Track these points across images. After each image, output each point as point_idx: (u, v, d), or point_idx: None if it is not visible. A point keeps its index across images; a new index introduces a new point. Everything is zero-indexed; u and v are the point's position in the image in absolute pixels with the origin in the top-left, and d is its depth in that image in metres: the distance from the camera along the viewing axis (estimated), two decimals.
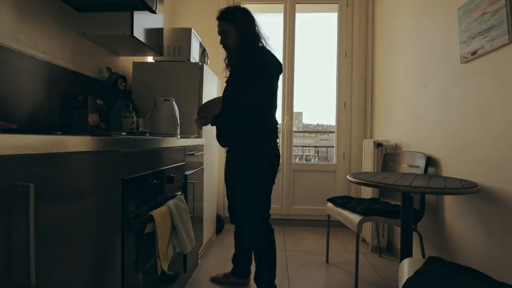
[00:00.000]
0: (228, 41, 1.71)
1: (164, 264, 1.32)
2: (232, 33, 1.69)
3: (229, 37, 1.70)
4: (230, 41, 1.71)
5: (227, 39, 1.71)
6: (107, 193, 0.99)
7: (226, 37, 1.71)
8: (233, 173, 1.75)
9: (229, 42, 1.71)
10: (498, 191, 1.41)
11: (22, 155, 0.64)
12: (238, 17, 1.68)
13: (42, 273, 0.71)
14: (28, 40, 1.45)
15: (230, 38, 1.70)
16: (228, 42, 1.71)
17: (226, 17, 1.70)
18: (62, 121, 1.70)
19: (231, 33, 1.69)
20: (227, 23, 1.69)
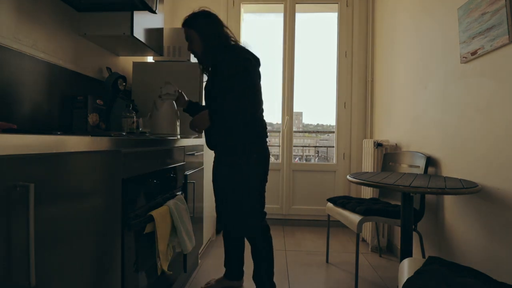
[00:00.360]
0: (193, 46, 1.70)
1: (164, 264, 1.32)
2: (195, 38, 1.67)
3: (194, 42, 1.69)
4: (195, 46, 1.70)
5: (192, 45, 1.70)
6: (107, 193, 0.99)
7: (191, 43, 1.70)
8: (225, 176, 1.70)
9: (194, 47, 1.70)
10: (498, 191, 1.41)
11: (22, 155, 0.64)
12: (199, 20, 1.67)
13: (42, 273, 0.71)
14: (28, 40, 1.45)
15: (195, 43, 1.69)
16: (194, 47, 1.70)
17: (187, 23, 1.70)
18: (62, 121, 1.70)
19: (194, 38, 1.68)
20: (189, 29, 1.69)
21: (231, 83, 1.55)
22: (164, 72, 2.28)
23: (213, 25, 1.68)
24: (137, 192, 1.21)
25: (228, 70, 1.58)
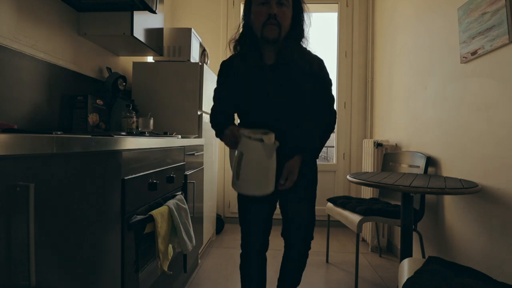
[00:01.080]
0: (285, 17, 1.24)
1: (164, 264, 1.32)
2: (290, 10, 1.26)
3: (287, 12, 1.25)
4: (287, 17, 1.25)
5: (285, 14, 1.24)
6: (107, 193, 0.99)
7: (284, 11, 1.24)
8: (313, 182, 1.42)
9: (286, 18, 1.24)
10: (498, 191, 1.41)
11: (22, 155, 0.64)
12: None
13: (42, 273, 0.71)
14: (28, 40, 1.45)
15: (288, 14, 1.25)
16: (284, 19, 1.23)
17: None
18: (62, 121, 1.70)
19: (289, 9, 1.25)
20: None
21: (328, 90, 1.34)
22: (164, 72, 2.28)
23: None
24: (137, 192, 1.21)
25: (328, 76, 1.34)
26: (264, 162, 1.15)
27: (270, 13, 1.21)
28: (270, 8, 1.22)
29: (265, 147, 1.13)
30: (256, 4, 1.26)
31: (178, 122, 2.27)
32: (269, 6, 1.22)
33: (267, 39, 1.24)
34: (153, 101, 2.27)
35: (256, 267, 1.41)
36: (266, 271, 1.48)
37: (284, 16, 1.24)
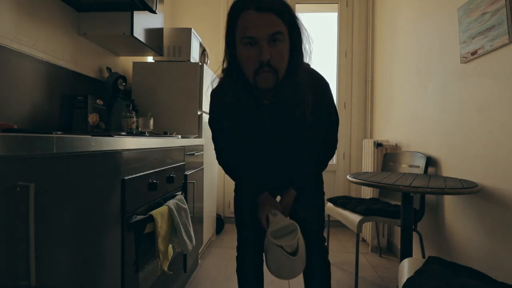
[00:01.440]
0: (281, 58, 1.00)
1: (164, 264, 1.32)
2: (286, 45, 1.01)
3: (283, 50, 1.00)
4: (284, 58, 1.01)
5: (281, 55, 0.99)
6: (107, 193, 0.99)
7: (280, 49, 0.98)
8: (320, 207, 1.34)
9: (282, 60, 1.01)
10: (498, 191, 1.41)
11: (22, 155, 0.64)
12: (294, 15, 1.03)
13: (42, 273, 0.71)
14: (28, 40, 1.45)
15: (284, 53, 1.01)
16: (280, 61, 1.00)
17: (283, 10, 0.97)
18: (62, 121, 1.70)
19: (285, 44, 1.00)
20: (283, 22, 0.97)
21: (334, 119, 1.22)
22: (164, 72, 2.28)
23: None
24: (137, 192, 1.21)
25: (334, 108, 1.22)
26: (287, 262, 1.11)
27: (262, 61, 0.96)
28: (261, 52, 0.96)
29: (285, 253, 1.09)
30: (241, 42, 0.98)
31: (178, 122, 2.27)
32: (258, 48, 0.96)
33: (261, 89, 1.03)
34: (153, 101, 2.27)
35: (252, 270, 1.35)
36: (263, 274, 1.40)
37: (281, 57, 0.99)
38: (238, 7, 0.99)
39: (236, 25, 0.99)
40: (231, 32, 1.02)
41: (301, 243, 1.11)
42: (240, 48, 1.00)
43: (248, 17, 0.96)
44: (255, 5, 0.95)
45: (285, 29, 0.98)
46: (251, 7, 0.96)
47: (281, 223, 1.14)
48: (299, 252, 1.08)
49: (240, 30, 0.98)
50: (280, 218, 1.15)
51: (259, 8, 0.95)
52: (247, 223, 1.32)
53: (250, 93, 1.08)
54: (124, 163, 1.10)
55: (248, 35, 0.96)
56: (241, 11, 0.98)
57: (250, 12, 0.96)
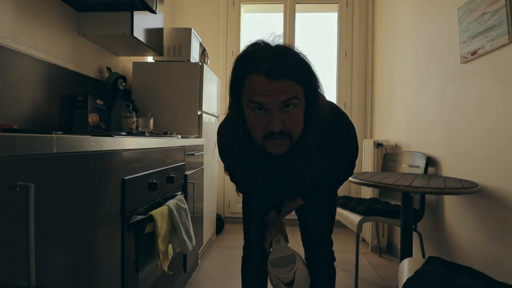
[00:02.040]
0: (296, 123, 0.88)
1: (164, 264, 1.32)
2: (302, 106, 0.88)
3: (298, 113, 0.87)
4: (299, 122, 0.89)
5: (295, 119, 0.87)
6: (107, 193, 0.99)
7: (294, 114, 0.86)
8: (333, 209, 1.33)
9: (297, 124, 0.89)
10: (498, 191, 1.41)
11: (22, 155, 0.64)
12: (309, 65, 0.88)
13: (42, 273, 0.71)
14: (28, 40, 1.45)
15: (299, 117, 0.88)
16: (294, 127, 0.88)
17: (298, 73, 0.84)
18: (62, 121, 1.70)
19: (300, 106, 0.87)
20: (298, 85, 0.84)
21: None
22: (164, 72, 2.28)
23: None
24: (137, 192, 1.21)
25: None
26: None
27: (273, 131, 0.84)
28: (272, 121, 0.83)
29: (282, 283, 1.13)
30: (248, 105, 0.85)
31: (178, 122, 2.27)
32: (269, 115, 0.84)
33: (272, 155, 0.91)
34: (153, 101, 2.27)
35: (257, 271, 1.32)
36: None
37: (296, 122, 0.87)
38: (245, 69, 0.85)
39: (243, 84, 0.86)
40: (236, 87, 0.88)
41: (299, 275, 1.11)
42: (247, 110, 0.87)
43: (257, 82, 0.82)
44: (266, 69, 0.80)
45: (299, 90, 0.84)
46: (260, 71, 0.81)
47: (282, 252, 1.16)
48: (295, 284, 1.11)
49: (247, 91, 0.85)
50: (282, 246, 1.17)
51: (271, 74, 0.80)
52: (255, 223, 1.30)
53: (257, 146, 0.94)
54: (124, 163, 1.10)
55: (257, 101, 0.83)
56: (248, 73, 0.84)
57: (259, 77, 0.81)
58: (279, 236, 1.19)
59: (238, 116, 0.92)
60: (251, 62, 0.84)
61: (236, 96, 0.89)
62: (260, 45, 0.86)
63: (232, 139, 0.99)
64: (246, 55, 0.86)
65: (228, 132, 1.03)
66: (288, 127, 0.86)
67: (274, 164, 1.01)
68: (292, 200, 1.25)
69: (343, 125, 1.05)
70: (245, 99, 0.86)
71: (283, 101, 0.82)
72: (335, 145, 1.03)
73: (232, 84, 0.89)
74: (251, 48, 0.86)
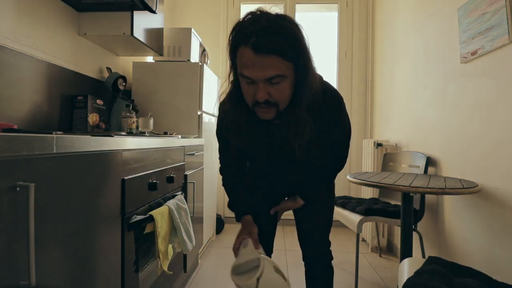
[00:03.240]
0: (281, 95, 0.94)
1: (164, 264, 1.32)
2: (289, 80, 0.93)
3: (284, 87, 0.92)
4: (285, 94, 0.94)
5: (281, 92, 0.93)
6: (107, 193, 0.99)
7: (280, 87, 0.92)
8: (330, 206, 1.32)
9: (283, 96, 0.94)
10: (498, 191, 1.41)
11: (22, 155, 0.64)
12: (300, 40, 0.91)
13: (42, 273, 0.71)
14: (28, 40, 1.45)
15: (285, 90, 0.93)
16: (280, 97, 0.94)
17: (285, 49, 0.87)
18: (62, 121, 1.70)
19: (287, 80, 0.92)
20: (285, 61, 0.88)
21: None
22: (164, 72, 2.28)
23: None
24: (137, 192, 1.21)
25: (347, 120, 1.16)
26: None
27: (258, 101, 0.92)
28: (258, 92, 0.90)
29: None
30: (242, 75, 0.92)
31: (178, 122, 2.27)
32: (256, 86, 0.91)
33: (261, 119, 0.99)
34: (153, 101, 2.27)
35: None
36: None
37: (281, 94, 0.93)
38: (236, 40, 0.90)
39: (236, 54, 0.92)
40: (232, 56, 0.95)
41: (264, 281, 0.94)
42: (240, 78, 0.95)
43: (245, 55, 0.87)
44: (253, 43, 0.84)
45: (286, 66, 0.89)
46: (248, 45, 0.85)
47: (246, 256, 1.03)
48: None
49: (238, 63, 0.92)
50: (249, 251, 1.04)
51: (257, 48, 0.84)
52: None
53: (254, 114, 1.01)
54: (124, 163, 1.10)
55: (244, 74, 0.90)
56: (238, 44, 0.89)
57: (248, 50, 0.86)
58: (247, 240, 1.08)
59: (236, 80, 1.00)
60: (241, 34, 0.88)
61: (233, 63, 0.96)
62: (254, 15, 0.89)
63: (229, 99, 1.05)
64: (239, 25, 0.90)
65: (228, 95, 1.07)
66: (274, 97, 0.92)
67: (267, 128, 1.06)
68: (293, 198, 1.24)
69: (333, 100, 1.07)
70: (238, 70, 0.94)
71: (268, 78, 0.88)
72: (326, 119, 1.05)
73: (229, 52, 0.95)
74: (245, 18, 0.90)
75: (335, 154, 1.17)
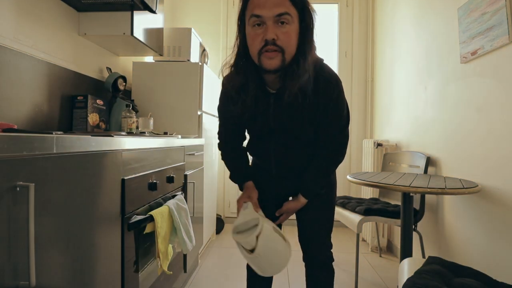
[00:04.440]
0: (288, 39, 0.99)
1: (164, 264, 1.32)
2: (294, 27, 1.00)
3: (290, 31, 0.98)
4: (291, 39, 0.99)
5: (288, 36, 0.98)
6: (107, 193, 0.99)
7: (287, 30, 0.98)
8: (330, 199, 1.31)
9: (289, 40, 0.99)
10: (498, 191, 1.41)
11: (22, 155, 0.64)
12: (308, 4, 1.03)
13: (42, 273, 0.71)
14: (28, 40, 1.45)
15: (291, 34, 0.99)
16: (287, 41, 0.99)
17: None
18: (62, 121, 1.70)
19: (293, 26, 0.99)
20: (292, 4, 0.98)
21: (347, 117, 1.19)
22: (164, 72, 2.28)
23: None
24: (137, 192, 1.21)
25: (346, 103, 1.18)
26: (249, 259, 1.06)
27: (267, 39, 0.96)
28: (267, 31, 0.96)
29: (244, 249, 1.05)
30: (249, 23, 1.00)
31: (178, 122, 2.27)
32: (265, 28, 0.97)
33: (266, 70, 1.02)
34: (153, 101, 2.27)
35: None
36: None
37: (288, 38, 0.98)
38: None
39: (247, 5, 1.02)
40: (242, 14, 1.04)
41: (263, 240, 1.00)
42: (248, 28, 1.02)
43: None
44: None
45: (294, 11, 0.98)
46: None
47: (247, 217, 1.07)
48: (257, 250, 0.99)
49: (249, 9, 1.00)
50: (248, 212, 1.09)
51: None
52: None
53: (255, 76, 1.07)
54: (124, 163, 1.10)
55: (255, 13, 0.97)
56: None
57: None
58: (247, 203, 1.14)
59: (242, 43, 1.06)
60: None
61: (241, 21, 1.05)
62: None
63: (235, 70, 1.10)
64: None
65: (232, 77, 1.11)
66: (281, 40, 0.97)
67: (270, 104, 1.11)
68: (295, 198, 1.24)
69: (334, 79, 1.09)
70: (247, 18, 1.01)
71: (277, 15, 0.96)
72: (327, 94, 1.08)
73: (239, 15, 1.05)
74: None
75: (333, 139, 1.17)
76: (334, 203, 1.32)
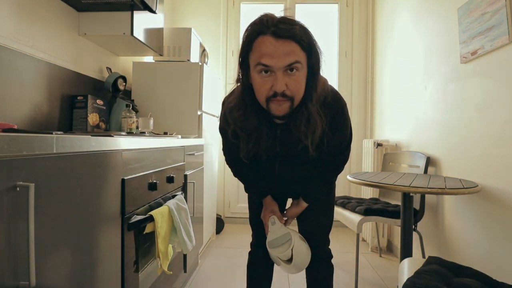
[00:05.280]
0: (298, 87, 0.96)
1: (164, 264, 1.32)
2: (304, 72, 0.96)
3: (300, 78, 0.95)
4: (301, 86, 0.97)
5: (297, 84, 0.95)
6: (107, 193, 0.99)
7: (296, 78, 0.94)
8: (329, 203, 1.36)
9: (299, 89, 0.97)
10: (498, 191, 1.41)
11: (22, 155, 0.64)
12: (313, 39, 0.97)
13: (42, 273, 0.71)
14: (28, 40, 1.45)
15: (301, 82, 0.96)
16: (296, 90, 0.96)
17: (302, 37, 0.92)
18: (62, 121, 1.70)
19: (302, 72, 0.95)
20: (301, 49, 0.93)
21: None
22: (164, 72, 2.28)
23: None
24: (137, 192, 1.21)
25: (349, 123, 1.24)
26: (286, 267, 1.23)
27: (277, 91, 0.93)
28: (276, 82, 0.92)
29: (282, 261, 1.23)
30: (255, 69, 0.94)
31: (178, 122, 2.27)
32: (274, 77, 0.92)
33: (274, 116, 1.01)
34: (153, 101, 2.28)
35: (264, 265, 1.40)
36: (273, 273, 1.45)
37: (297, 86, 0.95)
38: (256, 30, 0.93)
39: (252, 47, 0.94)
40: (245, 52, 0.97)
41: (297, 251, 1.19)
42: (253, 73, 0.96)
43: (265, 43, 0.91)
44: (274, 31, 0.90)
45: (303, 56, 0.93)
46: (269, 33, 0.90)
47: (278, 232, 1.23)
48: (293, 260, 1.18)
49: (255, 54, 0.93)
50: (278, 227, 1.23)
51: (278, 34, 0.89)
52: (258, 224, 1.36)
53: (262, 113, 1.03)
54: (124, 163, 1.10)
55: (263, 63, 0.91)
56: (258, 34, 0.93)
57: (267, 37, 0.90)
58: (273, 218, 1.25)
59: (246, 81, 1.01)
60: (260, 25, 0.93)
61: (244, 61, 0.98)
62: (267, 15, 0.95)
63: (238, 105, 1.06)
64: (255, 21, 0.96)
65: (235, 99, 1.08)
66: (291, 89, 0.94)
67: (277, 130, 1.10)
68: (296, 203, 1.30)
69: (337, 104, 1.10)
70: (253, 63, 0.95)
71: (288, 64, 0.91)
72: (332, 120, 1.08)
73: (242, 48, 0.97)
74: (258, 18, 0.95)
75: (335, 157, 1.22)
76: (334, 202, 1.37)
